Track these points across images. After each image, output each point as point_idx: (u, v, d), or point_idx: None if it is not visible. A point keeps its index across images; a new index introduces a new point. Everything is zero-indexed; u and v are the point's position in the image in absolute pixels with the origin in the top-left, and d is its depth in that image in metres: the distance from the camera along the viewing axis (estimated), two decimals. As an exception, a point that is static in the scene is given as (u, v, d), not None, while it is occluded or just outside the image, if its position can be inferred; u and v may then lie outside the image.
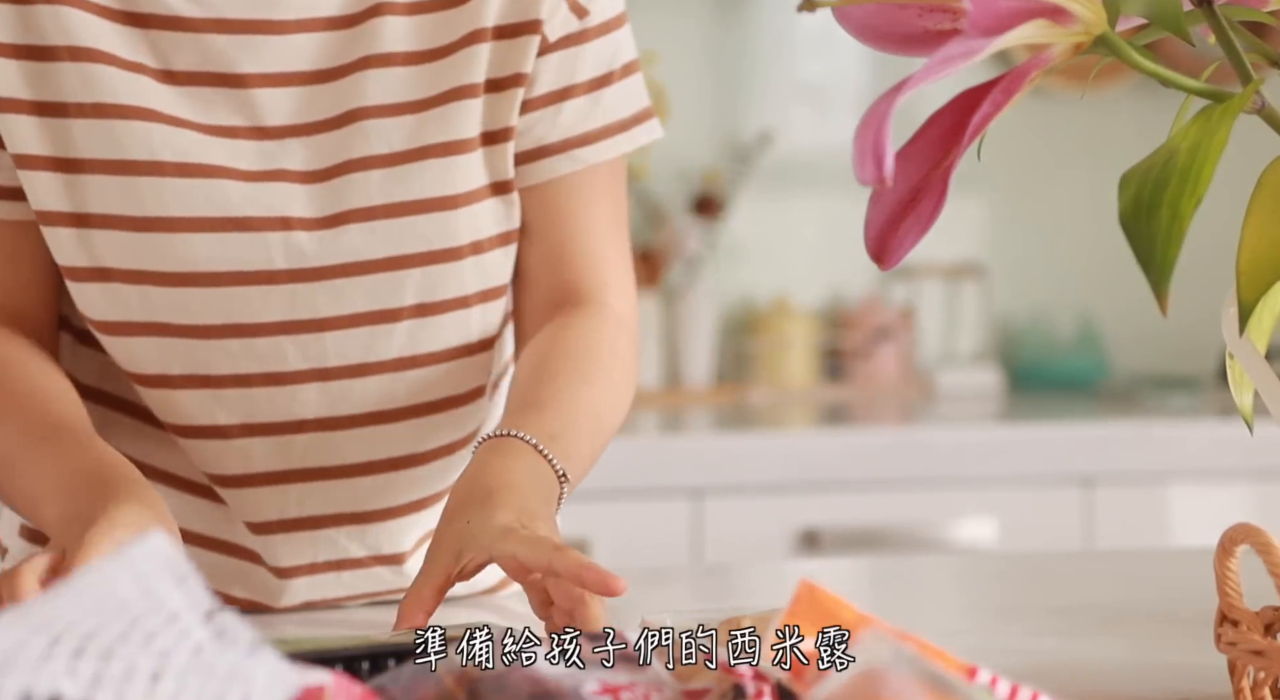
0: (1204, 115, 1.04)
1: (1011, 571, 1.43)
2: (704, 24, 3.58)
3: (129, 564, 0.85)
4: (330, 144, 1.45)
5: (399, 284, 1.46)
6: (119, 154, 1.42)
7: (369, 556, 1.54)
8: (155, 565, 0.85)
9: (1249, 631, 1.09)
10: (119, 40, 1.43)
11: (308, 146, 1.45)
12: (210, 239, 1.43)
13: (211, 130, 1.44)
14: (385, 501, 1.54)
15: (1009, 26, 1.02)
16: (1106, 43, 1.06)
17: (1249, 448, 2.98)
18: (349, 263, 1.45)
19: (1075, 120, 3.65)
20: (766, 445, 3.07)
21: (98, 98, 1.42)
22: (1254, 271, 1.03)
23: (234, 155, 1.44)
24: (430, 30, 1.47)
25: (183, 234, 1.42)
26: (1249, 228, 1.04)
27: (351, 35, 1.46)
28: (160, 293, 1.44)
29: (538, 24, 1.48)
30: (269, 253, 1.44)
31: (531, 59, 1.48)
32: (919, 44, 1.06)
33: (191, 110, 1.43)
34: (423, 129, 1.46)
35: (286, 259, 1.44)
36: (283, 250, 1.44)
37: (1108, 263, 3.61)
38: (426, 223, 1.46)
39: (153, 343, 1.45)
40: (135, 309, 1.44)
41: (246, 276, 1.44)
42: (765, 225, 3.61)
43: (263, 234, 1.43)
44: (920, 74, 1.00)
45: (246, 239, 1.43)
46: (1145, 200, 1.02)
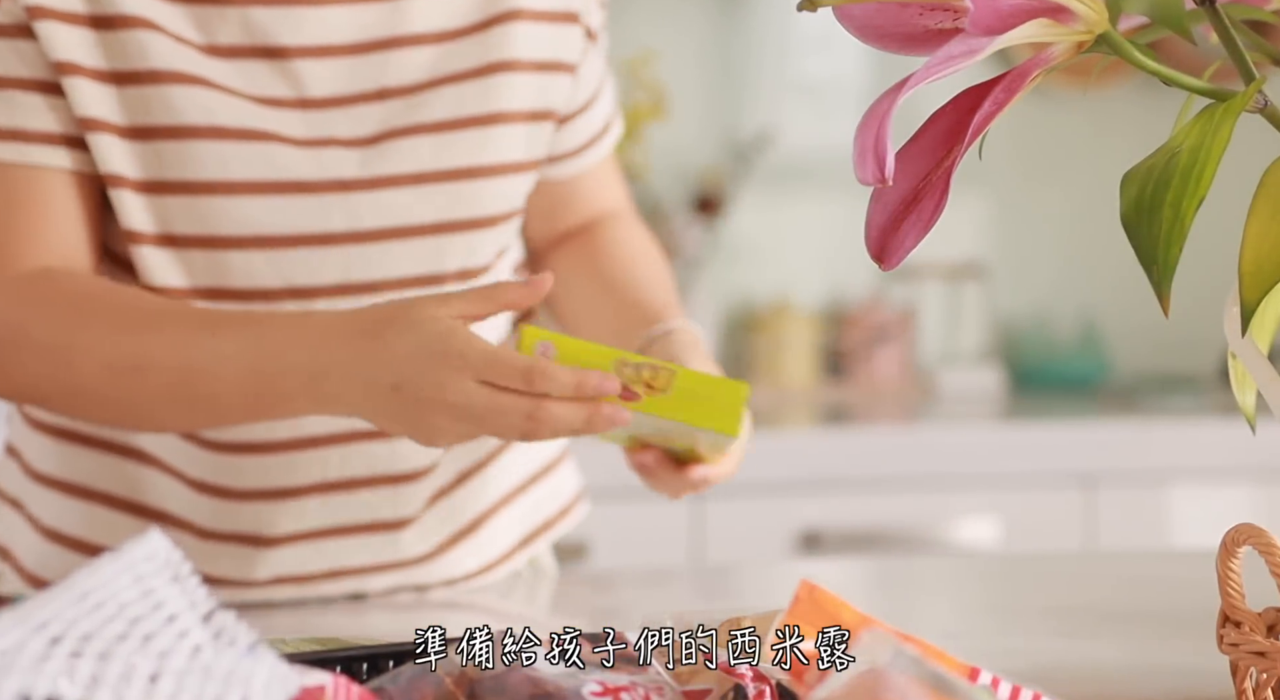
0: (1206, 114, 1.04)
1: (1013, 572, 1.43)
2: (704, 24, 3.58)
3: (127, 564, 0.85)
4: (375, 113, 1.49)
5: (445, 248, 1.51)
6: (178, 119, 1.45)
7: (390, 520, 1.57)
8: (154, 566, 0.85)
9: (1251, 632, 1.09)
10: (164, 14, 1.46)
11: (351, 116, 1.49)
12: (272, 202, 1.46)
13: (260, 100, 1.47)
14: (424, 460, 1.56)
15: (1010, 25, 1.02)
16: (1108, 42, 1.06)
17: (1251, 448, 2.98)
18: (400, 226, 1.49)
19: (1077, 120, 3.65)
20: (766, 445, 3.07)
21: (152, 65, 1.45)
22: (1256, 271, 1.03)
23: (284, 123, 1.47)
24: (463, 8, 1.51)
25: (245, 197, 1.46)
26: (1251, 227, 1.03)
27: (386, 9, 1.50)
28: (224, 256, 1.47)
29: (575, 15, 1.55)
30: (327, 215, 1.47)
31: (577, 49, 1.55)
32: (920, 43, 1.05)
33: (239, 81, 1.47)
34: (463, 100, 1.50)
35: (344, 221, 1.48)
36: (340, 212, 1.48)
37: (1109, 262, 3.60)
38: (473, 189, 1.51)
39: (212, 306, 1.48)
40: (200, 272, 1.47)
41: (306, 239, 1.47)
42: (765, 225, 3.61)
43: (321, 196, 1.47)
44: (921, 73, 1.00)
45: (305, 201, 1.46)
46: (1147, 200, 1.02)
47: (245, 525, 1.54)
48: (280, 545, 1.54)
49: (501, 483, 1.64)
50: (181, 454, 1.53)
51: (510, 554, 1.66)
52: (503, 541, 1.65)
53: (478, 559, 1.63)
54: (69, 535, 1.57)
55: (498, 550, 1.65)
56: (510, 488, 1.65)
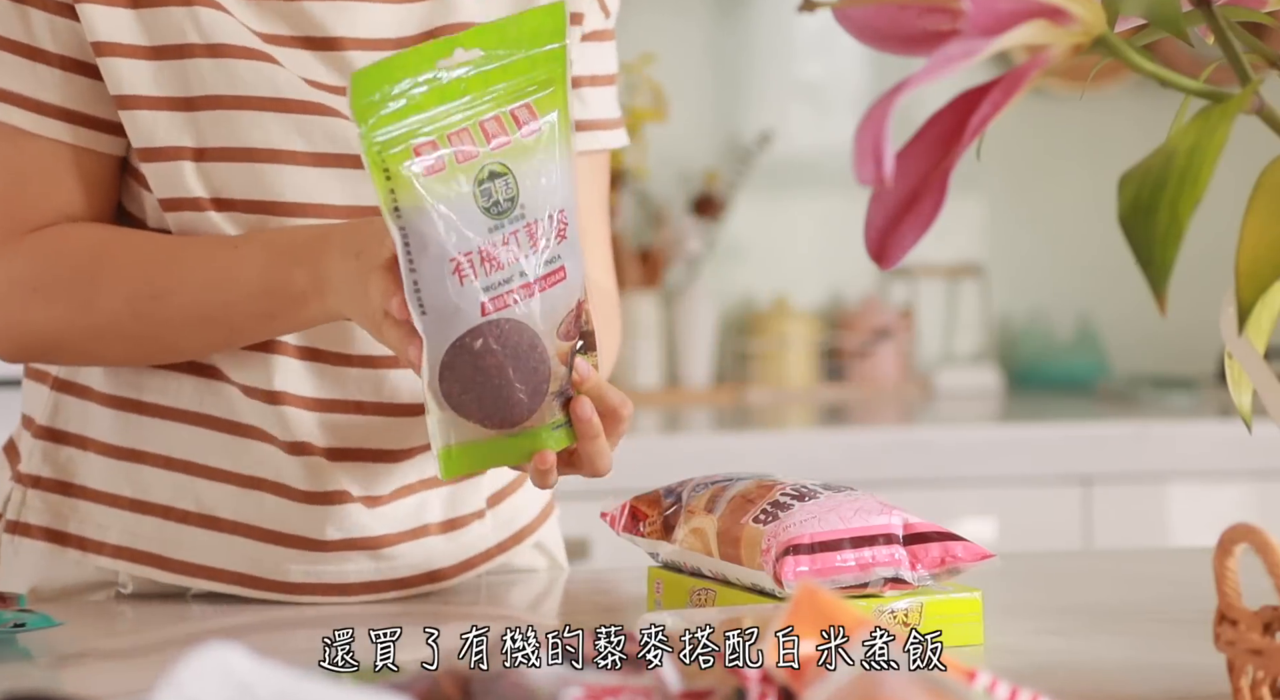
0: (1203, 116, 1.04)
1: (1010, 571, 1.44)
2: (704, 24, 3.58)
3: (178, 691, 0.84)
4: None
5: None
6: (241, 91, 1.50)
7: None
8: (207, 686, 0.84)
9: (1248, 631, 1.09)
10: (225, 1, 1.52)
11: None
12: (331, 174, 1.52)
13: (314, 84, 1.52)
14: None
15: (1008, 27, 1.03)
16: (1105, 43, 1.06)
17: (1248, 447, 2.98)
18: None
19: (1074, 120, 3.65)
20: (766, 445, 3.08)
21: (212, 39, 1.50)
22: (1253, 271, 1.03)
23: (339, 105, 1.52)
24: (498, 8, 1.57)
25: (304, 167, 1.51)
26: (1248, 228, 1.04)
27: (429, 6, 1.56)
28: (281, 224, 1.51)
29: (580, 16, 1.62)
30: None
31: (576, 44, 1.61)
32: (919, 44, 1.06)
33: (293, 66, 1.52)
34: None
35: None
36: None
37: (1107, 263, 3.61)
38: None
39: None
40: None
41: (362, 210, 1.51)
42: (765, 225, 3.62)
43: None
44: (920, 74, 1.00)
45: (360, 175, 1.48)
46: (1144, 201, 1.02)
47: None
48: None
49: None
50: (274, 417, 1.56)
51: (533, 527, 1.70)
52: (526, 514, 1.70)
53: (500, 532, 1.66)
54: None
55: (521, 522, 1.69)
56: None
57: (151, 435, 1.57)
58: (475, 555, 1.63)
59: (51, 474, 1.60)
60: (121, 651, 1.46)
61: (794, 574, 1.34)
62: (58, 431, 1.60)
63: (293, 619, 1.53)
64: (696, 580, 1.44)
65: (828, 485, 1.43)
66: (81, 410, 1.59)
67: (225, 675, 0.85)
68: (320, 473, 1.55)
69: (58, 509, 1.59)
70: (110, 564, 1.58)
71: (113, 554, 1.58)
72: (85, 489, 1.59)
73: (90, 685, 1.30)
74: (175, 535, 1.57)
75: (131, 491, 1.57)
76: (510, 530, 1.67)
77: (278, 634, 1.50)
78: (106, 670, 1.37)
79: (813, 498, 1.40)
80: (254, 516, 1.56)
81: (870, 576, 1.37)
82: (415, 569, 1.59)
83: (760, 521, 1.38)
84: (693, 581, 1.44)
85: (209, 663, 0.85)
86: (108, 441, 1.58)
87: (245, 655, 0.86)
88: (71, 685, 1.29)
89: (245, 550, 1.56)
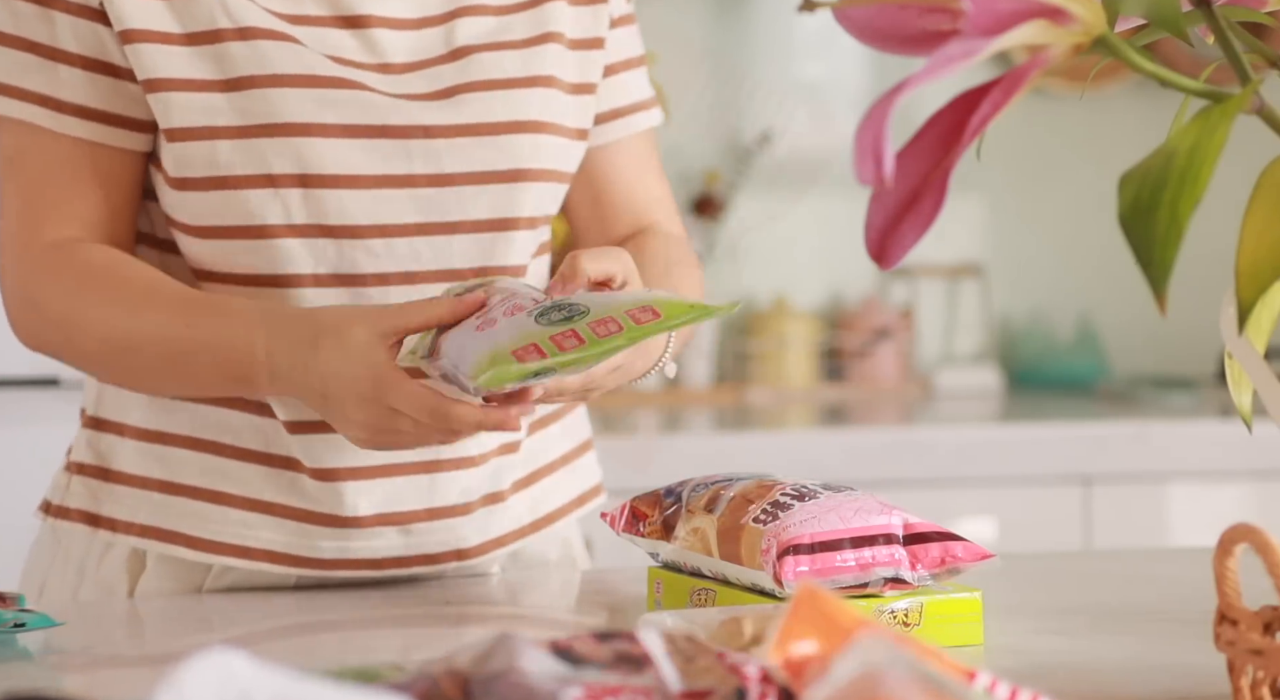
0: (1203, 116, 1.04)
1: (1010, 571, 1.44)
2: (704, 24, 3.58)
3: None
4: (450, 72, 1.63)
5: (519, 196, 1.63)
6: (274, 69, 1.57)
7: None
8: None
9: (1248, 631, 1.09)
10: None
11: (427, 77, 1.62)
12: (361, 145, 1.58)
13: (343, 62, 1.60)
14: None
15: (1008, 27, 1.03)
16: (1105, 43, 1.06)
17: (1248, 448, 2.98)
18: (476, 172, 1.62)
19: (1074, 120, 3.65)
20: (766, 445, 3.08)
21: (241, 23, 1.58)
22: (1253, 271, 1.03)
23: (369, 80, 1.60)
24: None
25: (338, 139, 1.58)
26: (1248, 228, 1.04)
27: None
28: (319, 194, 1.57)
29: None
30: (410, 158, 1.60)
31: (605, 27, 1.71)
32: (919, 44, 1.06)
33: (322, 46, 1.60)
34: (528, 62, 1.65)
35: (425, 165, 1.60)
36: (422, 157, 1.60)
37: (1107, 263, 3.61)
38: (546, 143, 1.64)
39: (302, 244, 1.58)
40: (295, 211, 1.58)
41: (392, 180, 1.59)
42: (765, 225, 3.61)
43: (405, 141, 1.60)
44: (920, 74, 1.00)
45: (392, 146, 1.59)
46: (1144, 201, 1.02)
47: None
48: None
49: (554, 449, 1.74)
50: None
51: (564, 510, 1.74)
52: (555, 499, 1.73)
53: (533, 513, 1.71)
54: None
55: (549, 507, 1.73)
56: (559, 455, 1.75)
57: (181, 417, 1.63)
58: (502, 534, 1.68)
59: (93, 460, 1.66)
60: (121, 652, 1.46)
61: (794, 574, 1.34)
62: (101, 419, 1.66)
63: (294, 626, 1.54)
64: (696, 580, 1.44)
65: (828, 485, 1.43)
66: (119, 397, 1.65)
67: (225, 679, 0.85)
68: (349, 451, 1.60)
69: (95, 492, 1.65)
70: (139, 543, 1.62)
71: (140, 533, 1.62)
72: (120, 473, 1.64)
73: (90, 685, 1.30)
74: (203, 513, 1.61)
75: (161, 473, 1.63)
76: (536, 515, 1.71)
77: (279, 641, 1.50)
78: (106, 670, 1.37)
79: (813, 498, 1.40)
80: (285, 496, 1.61)
81: (870, 576, 1.37)
82: (443, 546, 1.64)
83: (760, 521, 1.38)
84: (693, 581, 1.44)
85: (209, 666, 0.85)
86: (141, 426, 1.64)
87: (245, 659, 0.86)
88: (72, 685, 1.29)
89: (275, 528, 1.60)
